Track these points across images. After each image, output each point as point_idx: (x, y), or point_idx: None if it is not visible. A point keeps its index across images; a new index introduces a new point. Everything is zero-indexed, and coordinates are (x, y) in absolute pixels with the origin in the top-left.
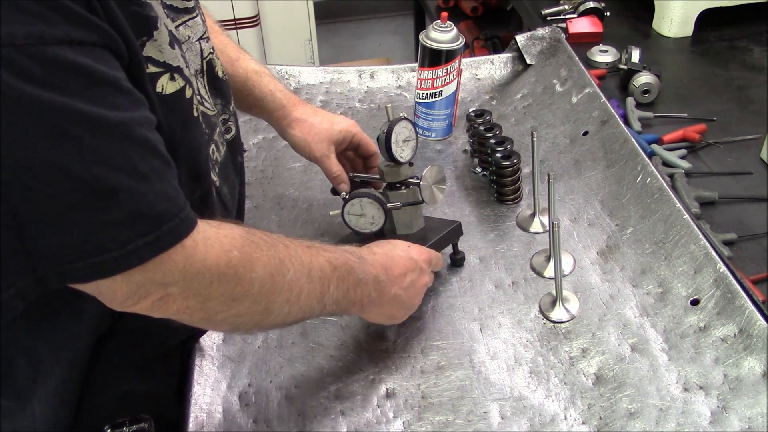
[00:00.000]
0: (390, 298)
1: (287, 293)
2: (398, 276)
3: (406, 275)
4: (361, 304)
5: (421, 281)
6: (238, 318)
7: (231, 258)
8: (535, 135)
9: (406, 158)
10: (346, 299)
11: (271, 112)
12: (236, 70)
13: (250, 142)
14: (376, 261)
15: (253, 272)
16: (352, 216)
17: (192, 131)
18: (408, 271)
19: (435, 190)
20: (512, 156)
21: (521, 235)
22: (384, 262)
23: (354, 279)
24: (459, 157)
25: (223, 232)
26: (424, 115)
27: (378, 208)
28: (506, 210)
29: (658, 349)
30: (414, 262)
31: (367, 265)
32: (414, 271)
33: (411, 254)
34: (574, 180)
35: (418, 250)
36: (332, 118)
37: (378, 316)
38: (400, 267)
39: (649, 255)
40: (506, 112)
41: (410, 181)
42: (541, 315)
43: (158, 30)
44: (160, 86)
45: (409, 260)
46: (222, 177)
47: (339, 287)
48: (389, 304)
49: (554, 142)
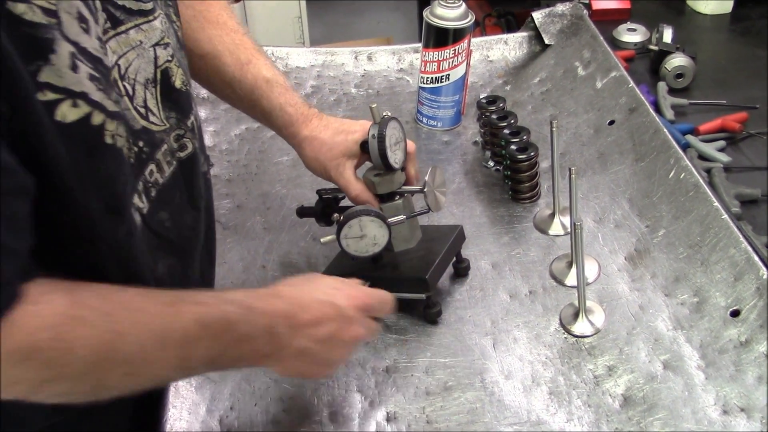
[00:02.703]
0: (295, 352)
1: (126, 367)
2: (307, 325)
3: (322, 325)
4: (250, 360)
5: (348, 332)
6: (61, 396)
7: (38, 341)
8: (554, 124)
9: (400, 163)
10: (225, 358)
11: (280, 129)
12: (245, 75)
13: (231, 133)
14: (274, 309)
15: (70, 354)
16: (350, 240)
17: (102, 160)
18: (325, 320)
19: (438, 195)
20: (529, 148)
21: (539, 238)
22: (287, 310)
23: (234, 335)
24: (469, 149)
25: (37, 309)
26: (429, 102)
27: (380, 225)
28: (522, 210)
29: (693, 366)
30: (336, 309)
31: (256, 316)
32: (335, 320)
33: (335, 299)
34: (598, 175)
35: (348, 292)
36: (348, 128)
37: (283, 371)
38: (311, 314)
39: (683, 260)
40: (522, 99)
41: (406, 189)
42: (561, 328)
43: (56, 53)
44: (60, 114)
45: (328, 306)
46: (160, 201)
47: (211, 347)
48: (294, 359)
49: (576, 133)
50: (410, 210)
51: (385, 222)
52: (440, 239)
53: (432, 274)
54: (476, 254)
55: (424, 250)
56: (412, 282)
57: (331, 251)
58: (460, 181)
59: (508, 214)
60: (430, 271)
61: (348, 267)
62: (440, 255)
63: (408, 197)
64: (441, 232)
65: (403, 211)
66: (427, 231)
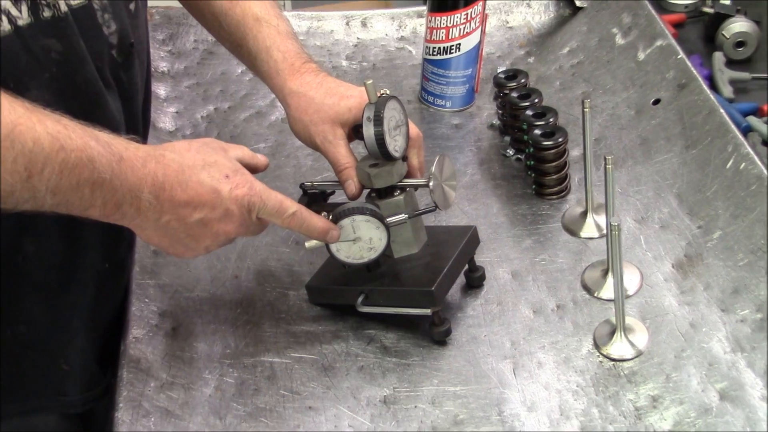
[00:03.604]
0: (157, 225)
1: None
2: (178, 205)
3: (193, 209)
4: (104, 213)
5: (220, 226)
6: None
7: None
8: (587, 104)
9: (400, 151)
10: (74, 197)
11: (265, 79)
12: (233, 8)
13: (197, 115)
14: (147, 172)
15: None
16: (341, 244)
17: None
18: (199, 206)
19: (446, 190)
20: (556, 133)
21: (569, 242)
22: (162, 181)
23: (91, 176)
24: (484, 134)
25: None
26: (435, 78)
27: (378, 226)
28: (548, 207)
29: (756, 396)
30: (218, 199)
31: (124, 168)
32: (215, 209)
33: (219, 185)
34: (640, 166)
35: (240, 180)
36: (344, 91)
37: (144, 237)
38: (187, 195)
39: (743, 268)
40: (548, 73)
41: (408, 183)
42: (596, 350)
43: None
44: None
45: (210, 192)
46: None
47: (62, 175)
48: (154, 231)
49: (614, 114)
50: (413, 208)
51: (383, 222)
52: (449, 243)
53: (439, 285)
54: (493, 261)
55: (429, 256)
56: (416, 295)
57: (318, 257)
58: (473, 173)
59: (531, 212)
60: (437, 281)
61: (338, 277)
62: (449, 262)
63: (411, 192)
64: (450, 234)
65: (404, 209)
66: (433, 233)
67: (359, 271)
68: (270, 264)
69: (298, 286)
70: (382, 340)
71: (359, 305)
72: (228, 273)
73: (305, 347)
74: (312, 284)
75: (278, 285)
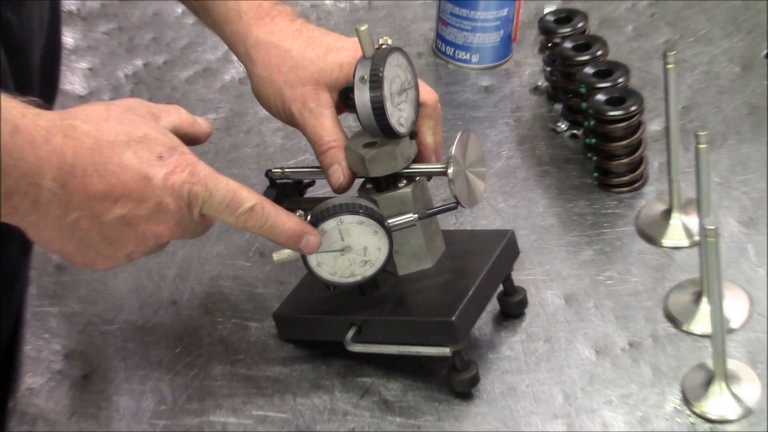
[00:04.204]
0: (61, 224)
1: None
2: (95, 197)
3: (117, 203)
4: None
5: (152, 228)
6: None
7: None
8: (671, 58)
9: (407, 125)
10: None
11: (221, 24)
12: None
13: (119, 73)
14: (52, 149)
15: None
16: (324, 256)
17: None
18: (125, 198)
19: (472, 180)
20: (627, 99)
21: (645, 252)
22: (74, 162)
23: None
24: (525, 100)
25: None
26: (457, 22)
27: (375, 230)
28: (617, 203)
29: None
30: (148, 188)
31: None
32: (143, 202)
33: (150, 169)
34: (748, 145)
35: (178, 162)
36: (333, 42)
37: (40, 242)
38: (107, 184)
39: None
40: (616, 15)
41: (419, 170)
42: (685, 407)
43: None
44: None
45: (137, 180)
46: None
47: None
48: (58, 232)
49: (710, 72)
50: (425, 205)
51: (382, 225)
52: (476, 255)
53: (462, 314)
54: (538, 280)
55: (449, 273)
56: (430, 328)
57: (291, 274)
58: (510, 156)
59: (592, 210)
60: (458, 309)
61: (319, 302)
62: (476, 282)
63: (422, 183)
64: (478, 242)
65: (412, 206)
66: (454, 241)
67: (349, 295)
68: (223, 284)
69: (262, 315)
70: (381, 392)
71: (349, 342)
72: (163, 296)
73: (272, 402)
74: (282, 313)
75: (234, 314)
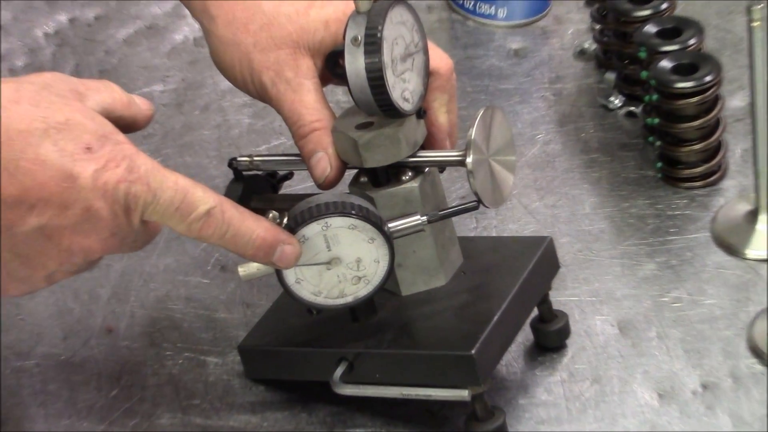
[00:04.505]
0: None
1: None
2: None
3: (33, 211)
4: None
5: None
6: None
7: None
8: (758, 13)
9: (414, 102)
10: None
11: None
12: None
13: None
14: None
15: None
16: (305, 271)
17: None
18: (43, 204)
19: (497, 171)
20: (701, 67)
21: (725, 266)
22: None
23: None
24: (567, 68)
25: None
26: None
27: (372, 237)
28: (687, 202)
29: None
30: (72, 190)
31: None
32: (67, 208)
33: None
34: None
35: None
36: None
37: None
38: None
39: None
40: None
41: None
42: None
43: None
44: None
45: (59, 179)
46: None
47: None
48: None
49: None
50: (436, 204)
51: (381, 231)
52: (503, 269)
53: (485, 346)
54: (584, 302)
55: (467, 293)
56: (442, 364)
57: (264, 295)
58: (548, 140)
59: (654, 212)
60: (479, 340)
61: (298, 331)
62: (503, 305)
63: (432, 176)
64: (506, 252)
65: (420, 205)
66: (475, 251)
67: (338, 321)
68: (173, 307)
69: (224, 347)
70: None
71: (338, 383)
72: (94, 323)
73: None
74: (250, 345)
75: (187, 345)
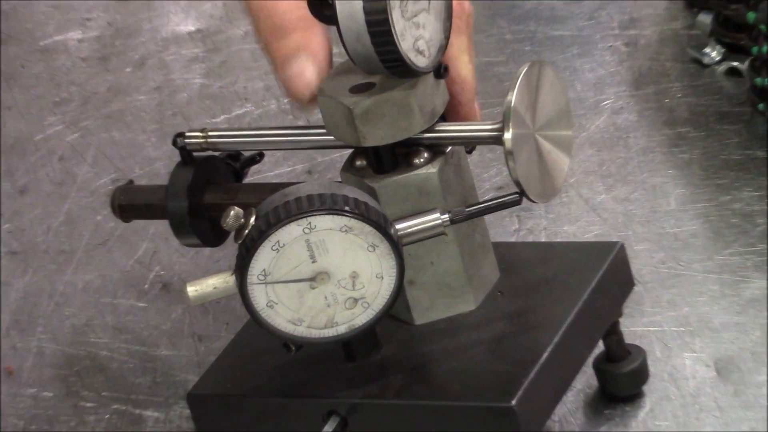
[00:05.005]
0: None
1: None
2: None
3: None
4: None
5: None
6: None
7: None
8: None
9: (432, 55)
10: None
11: None
12: None
13: None
14: None
15: None
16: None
17: None
18: None
19: (546, 151)
20: None
21: None
22: None
23: None
24: (643, 8)
25: None
26: None
27: (373, 242)
28: None
29: None
30: None
31: None
32: None
33: None
34: None
35: None
36: None
37: None
38: None
39: None
40: None
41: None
42: None
43: None
44: None
45: None
46: None
47: None
48: None
49: None
50: (462, 197)
51: (386, 234)
52: (555, 288)
53: (529, 395)
54: (667, 332)
55: (505, 320)
56: (472, 419)
57: (222, 324)
58: (617, 108)
59: (765, 208)
60: (523, 386)
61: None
62: (554, 339)
63: (457, 158)
64: (559, 265)
65: (441, 199)
66: (518, 260)
67: (325, 360)
68: (96, 341)
69: (167, 395)
70: None
71: None
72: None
73: None
74: (204, 392)
75: (117, 393)
